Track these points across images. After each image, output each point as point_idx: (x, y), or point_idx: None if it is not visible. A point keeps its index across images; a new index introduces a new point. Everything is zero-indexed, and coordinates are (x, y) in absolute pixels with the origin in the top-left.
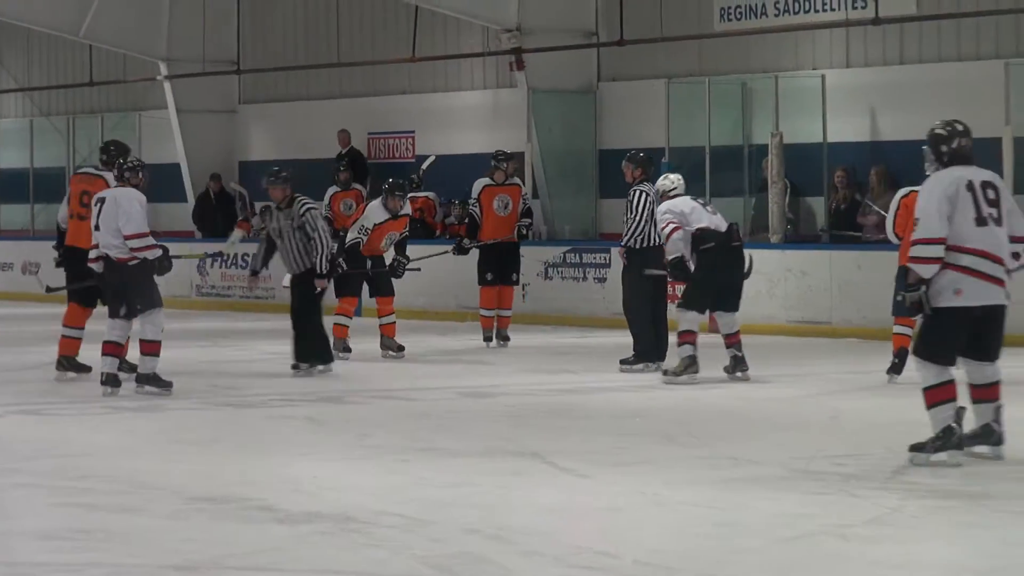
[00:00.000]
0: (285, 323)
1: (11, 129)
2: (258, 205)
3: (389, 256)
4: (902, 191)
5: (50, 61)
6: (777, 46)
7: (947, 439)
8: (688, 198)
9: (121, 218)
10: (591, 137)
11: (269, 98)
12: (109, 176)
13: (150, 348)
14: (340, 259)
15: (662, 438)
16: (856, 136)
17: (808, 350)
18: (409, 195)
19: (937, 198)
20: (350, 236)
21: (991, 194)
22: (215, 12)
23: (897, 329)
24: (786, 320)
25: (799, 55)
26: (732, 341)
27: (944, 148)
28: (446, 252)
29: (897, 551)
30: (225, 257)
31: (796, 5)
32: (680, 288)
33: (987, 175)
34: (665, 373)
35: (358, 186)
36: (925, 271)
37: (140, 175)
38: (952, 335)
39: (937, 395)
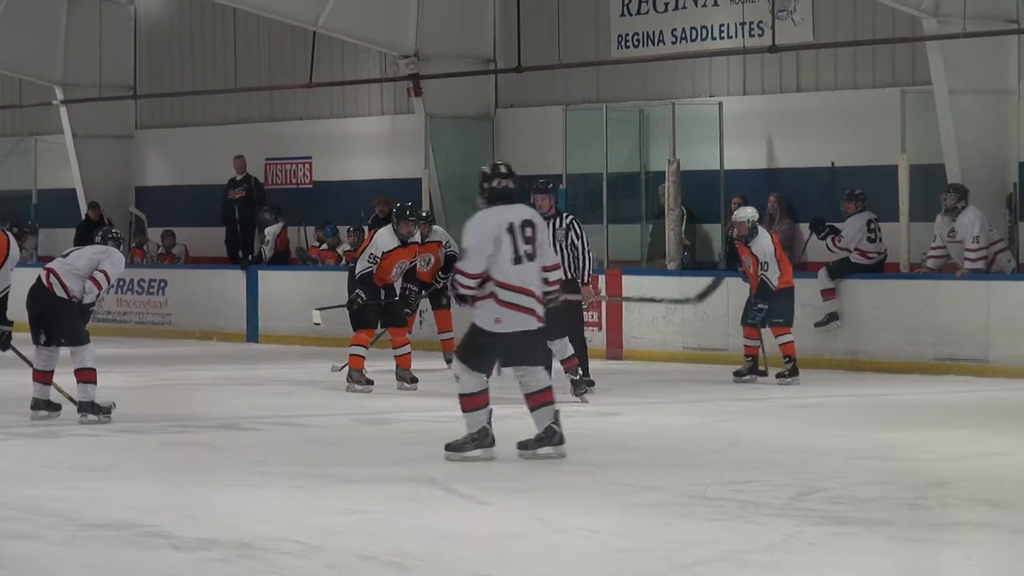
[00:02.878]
0: (180, 349)
1: None
2: (154, 232)
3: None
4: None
5: None
6: (674, 73)
7: (482, 439)
8: None
9: None
10: (488, 163)
11: (166, 123)
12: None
13: (86, 376)
14: (358, 290)
15: (560, 464)
16: (753, 163)
17: (704, 376)
18: None
19: (481, 238)
20: (360, 266)
21: (528, 232)
22: (111, 37)
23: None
24: (682, 347)
25: (696, 82)
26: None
27: (486, 186)
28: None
29: None
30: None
31: (693, 32)
32: None
33: (527, 213)
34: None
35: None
36: (465, 299)
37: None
38: (492, 353)
39: (475, 401)
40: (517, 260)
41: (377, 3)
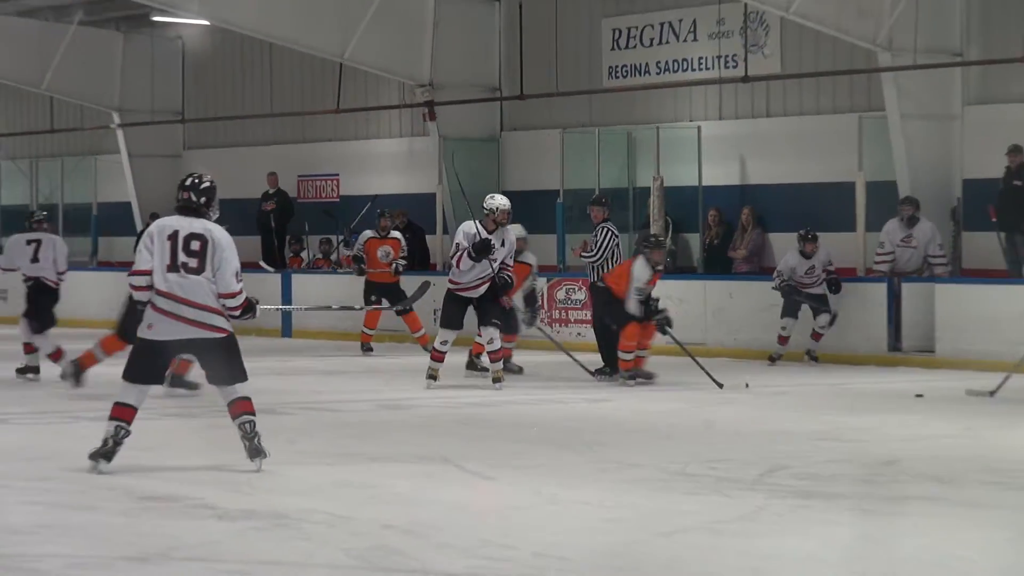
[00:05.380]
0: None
1: None
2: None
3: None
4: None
5: (16, 110)
6: (658, 101)
7: (105, 447)
8: None
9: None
10: (495, 180)
11: (209, 144)
12: None
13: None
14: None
15: (557, 445)
16: (727, 180)
17: (685, 367)
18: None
19: (147, 239)
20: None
21: (195, 245)
22: (162, 68)
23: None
24: (666, 341)
25: (678, 109)
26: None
27: (177, 195)
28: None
29: (764, 544)
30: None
31: (675, 64)
32: None
33: (198, 228)
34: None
35: (397, 234)
36: (140, 296)
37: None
38: (149, 361)
39: (121, 412)
40: (173, 269)
41: (396, 38)
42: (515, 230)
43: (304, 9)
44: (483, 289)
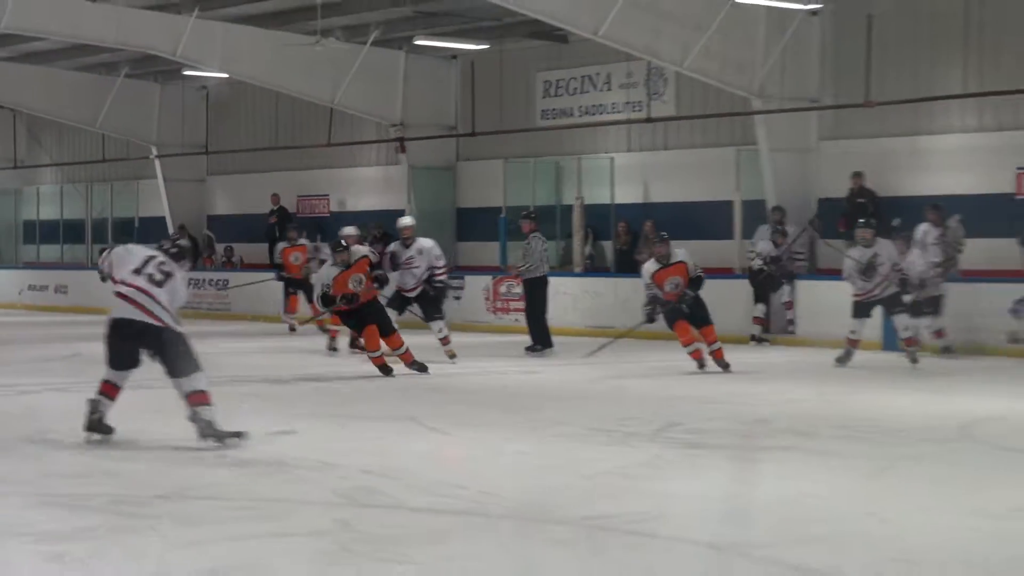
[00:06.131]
0: (235, 327)
1: (47, 192)
2: (219, 246)
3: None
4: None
5: (74, 144)
6: (580, 137)
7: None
8: None
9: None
10: (452, 200)
11: (227, 171)
12: None
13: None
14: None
15: (500, 408)
16: (634, 199)
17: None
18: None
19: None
20: (316, 292)
21: (164, 268)
22: (191, 110)
23: None
24: (584, 326)
25: (595, 143)
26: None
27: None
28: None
29: (661, 485)
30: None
31: (593, 108)
32: None
33: (161, 258)
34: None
35: (304, 241)
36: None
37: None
38: (115, 345)
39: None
40: (137, 272)
41: (374, 88)
42: (424, 240)
43: (302, 65)
44: (418, 290)
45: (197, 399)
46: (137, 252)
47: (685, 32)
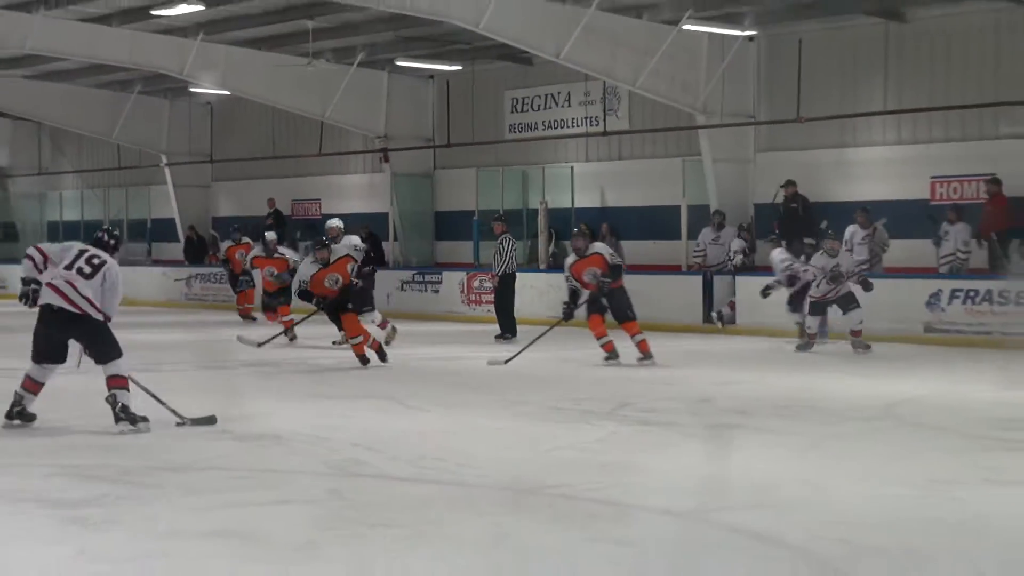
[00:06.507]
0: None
1: (69, 196)
2: (223, 244)
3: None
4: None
5: (93, 154)
6: (544, 148)
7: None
8: None
9: None
10: (430, 204)
11: (230, 178)
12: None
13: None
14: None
15: (471, 388)
16: (592, 204)
17: (562, 335)
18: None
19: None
20: (297, 289)
21: (94, 261)
22: (197, 123)
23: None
24: (547, 315)
25: (557, 154)
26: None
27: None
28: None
29: (615, 457)
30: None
31: (556, 123)
32: None
33: (95, 251)
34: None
35: (247, 240)
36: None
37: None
38: (39, 333)
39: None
40: (69, 268)
41: (361, 104)
42: (349, 239)
43: (296, 83)
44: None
45: (116, 383)
46: (70, 248)
47: (636, 55)
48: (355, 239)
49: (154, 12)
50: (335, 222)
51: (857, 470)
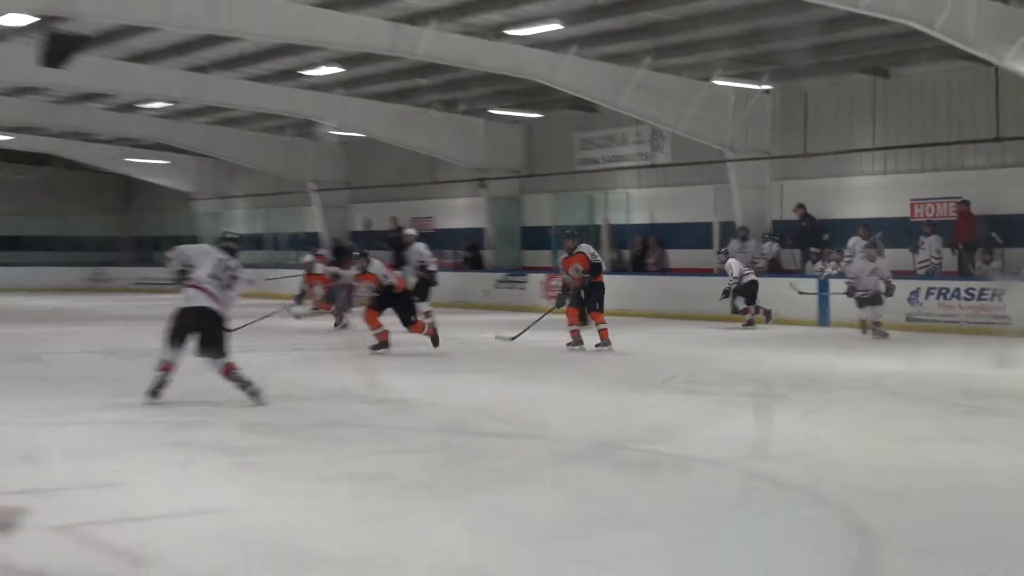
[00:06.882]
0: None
1: (239, 214)
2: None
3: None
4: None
5: (257, 181)
6: (605, 177)
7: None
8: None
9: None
10: (518, 221)
11: (363, 200)
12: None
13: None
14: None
15: (552, 365)
16: (643, 220)
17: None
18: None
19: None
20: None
21: (233, 270)
22: (337, 158)
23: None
24: (610, 309)
25: (616, 181)
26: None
27: (220, 237)
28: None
29: (663, 414)
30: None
31: (614, 158)
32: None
33: (229, 259)
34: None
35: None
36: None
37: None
38: (177, 327)
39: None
40: (213, 277)
41: (462, 142)
42: (419, 245)
43: (413, 126)
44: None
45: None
46: (210, 253)
47: (677, 105)
48: (421, 245)
49: (301, 73)
50: (411, 231)
51: (854, 429)
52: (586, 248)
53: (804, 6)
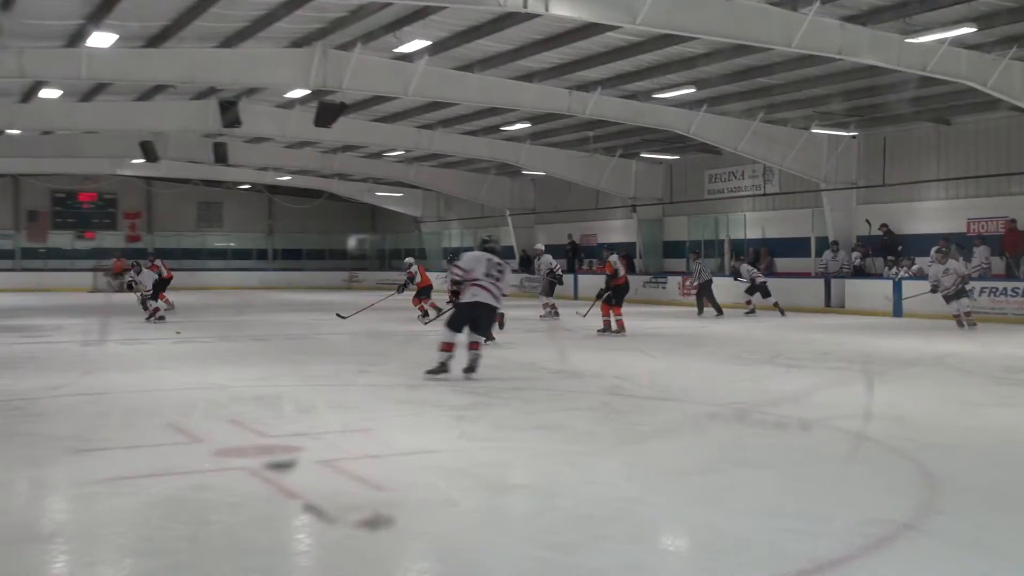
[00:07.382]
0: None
1: (454, 233)
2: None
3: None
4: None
5: (468, 208)
6: (728, 204)
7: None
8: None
9: None
10: (661, 237)
11: (543, 222)
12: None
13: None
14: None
15: (686, 344)
16: (756, 236)
17: (736, 316)
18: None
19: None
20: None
21: (499, 267)
22: (526, 191)
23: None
24: (731, 302)
25: (736, 206)
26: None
27: (482, 241)
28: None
29: (775, 384)
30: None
31: (735, 189)
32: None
33: (496, 259)
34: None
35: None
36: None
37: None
38: (462, 316)
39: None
40: (488, 275)
41: (619, 178)
42: (546, 257)
43: (582, 167)
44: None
45: (474, 346)
46: (481, 257)
47: (783, 148)
48: (548, 256)
49: (501, 128)
50: (540, 246)
51: (920, 395)
52: (613, 259)
53: (883, 71)
